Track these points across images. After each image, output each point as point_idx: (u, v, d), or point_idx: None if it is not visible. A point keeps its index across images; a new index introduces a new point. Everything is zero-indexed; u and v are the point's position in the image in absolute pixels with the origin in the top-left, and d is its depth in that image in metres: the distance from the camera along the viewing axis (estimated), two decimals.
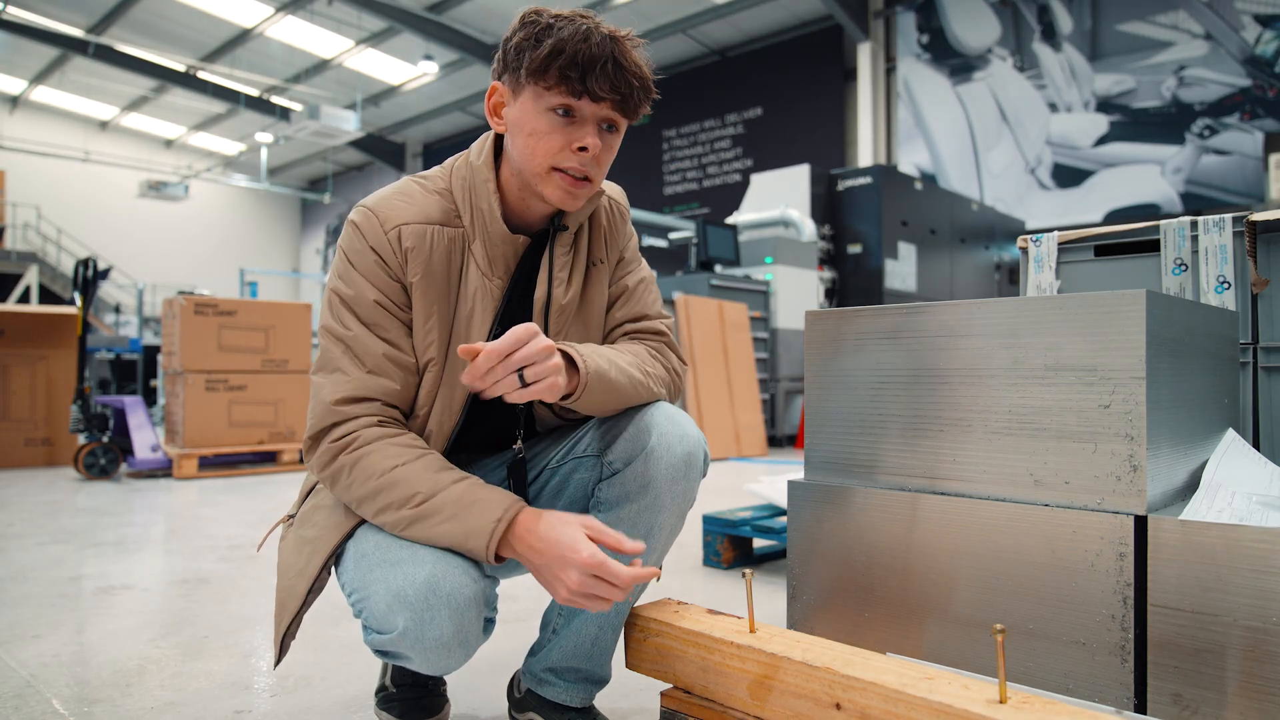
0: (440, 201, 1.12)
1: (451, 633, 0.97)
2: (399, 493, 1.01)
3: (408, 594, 0.96)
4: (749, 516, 2.45)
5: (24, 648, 1.72)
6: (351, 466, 1.03)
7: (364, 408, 1.06)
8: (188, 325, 4.65)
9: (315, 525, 1.11)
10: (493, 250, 1.12)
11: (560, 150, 1.05)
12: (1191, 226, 1.54)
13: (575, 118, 1.05)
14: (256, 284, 14.19)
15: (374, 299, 1.07)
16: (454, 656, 1.00)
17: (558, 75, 1.01)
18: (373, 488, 1.02)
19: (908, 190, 8.33)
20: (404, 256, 1.08)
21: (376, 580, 1.00)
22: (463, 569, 1.00)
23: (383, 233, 1.08)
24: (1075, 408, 1.07)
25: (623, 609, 1.17)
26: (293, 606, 1.08)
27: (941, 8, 11.39)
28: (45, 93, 17.99)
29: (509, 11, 13.09)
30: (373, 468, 1.02)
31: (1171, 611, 0.99)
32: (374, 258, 1.08)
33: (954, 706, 0.80)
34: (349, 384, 1.06)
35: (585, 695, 1.21)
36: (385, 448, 1.03)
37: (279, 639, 1.10)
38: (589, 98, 1.03)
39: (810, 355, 1.36)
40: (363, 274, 1.08)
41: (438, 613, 0.96)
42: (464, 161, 1.15)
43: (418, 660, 1.00)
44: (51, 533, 2.99)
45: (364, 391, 1.06)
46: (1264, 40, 8.91)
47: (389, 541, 1.03)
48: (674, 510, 1.14)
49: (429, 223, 1.10)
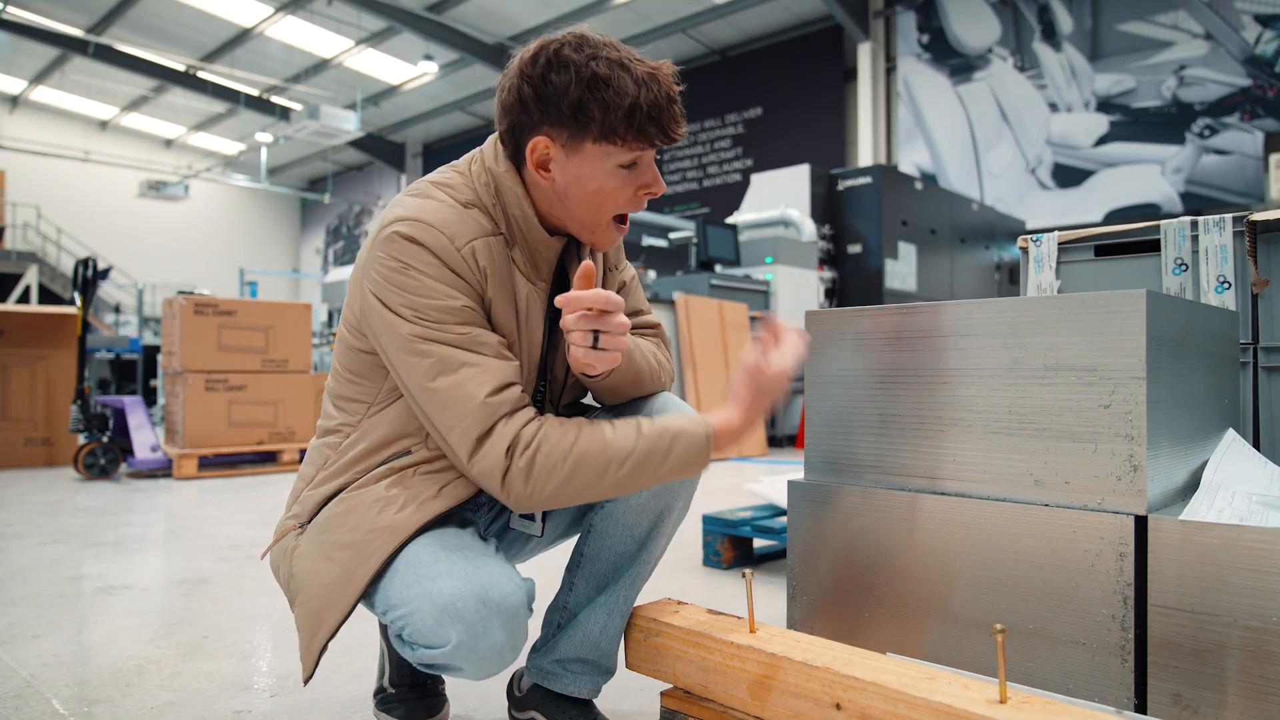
0: (479, 214, 1.07)
1: (504, 639, 0.98)
2: (593, 467, 0.99)
3: (458, 607, 0.95)
4: (749, 516, 2.45)
5: (24, 648, 1.72)
6: (528, 472, 0.98)
7: (511, 394, 1.00)
8: (188, 325, 4.65)
9: (353, 529, 1.05)
10: (534, 255, 1.10)
11: (627, 201, 1.06)
12: (1191, 226, 1.54)
13: (640, 165, 1.05)
14: (256, 284, 14.21)
15: (462, 305, 1.02)
16: (506, 661, 1.01)
17: (636, 133, 1.00)
18: (561, 478, 0.98)
19: (908, 190, 8.33)
20: (483, 274, 1.04)
21: (419, 596, 0.97)
22: (506, 575, 1.00)
23: (455, 250, 1.02)
24: (1075, 408, 1.07)
25: (630, 596, 1.19)
26: (332, 619, 1.03)
27: (941, 7, 11.39)
28: (45, 93, 17.99)
29: (509, 11, 13.11)
30: (550, 461, 0.98)
31: (1171, 611, 0.99)
32: (450, 273, 1.02)
33: (954, 706, 0.80)
34: (490, 374, 1.00)
35: (593, 686, 1.21)
36: (548, 436, 0.99)
37: (316, 651, 1.05)
38: (661, 141, 1.03)
39: (810, 355, 1.36)
40: (443, 284, 1.01)
41: (490, 623, 0.96)
42: (481, 168, 1.10)
43: (471, 670, 0.99)
44: (51, 533, 2.99)
45: (506, 378, 1.01)
46: (1264, 40, 8.91)
47: (424, 552, 1.01)
48: (682, 494, 1.18)
49: (487, 235, 1.06)
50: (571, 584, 1.20)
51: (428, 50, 14.33)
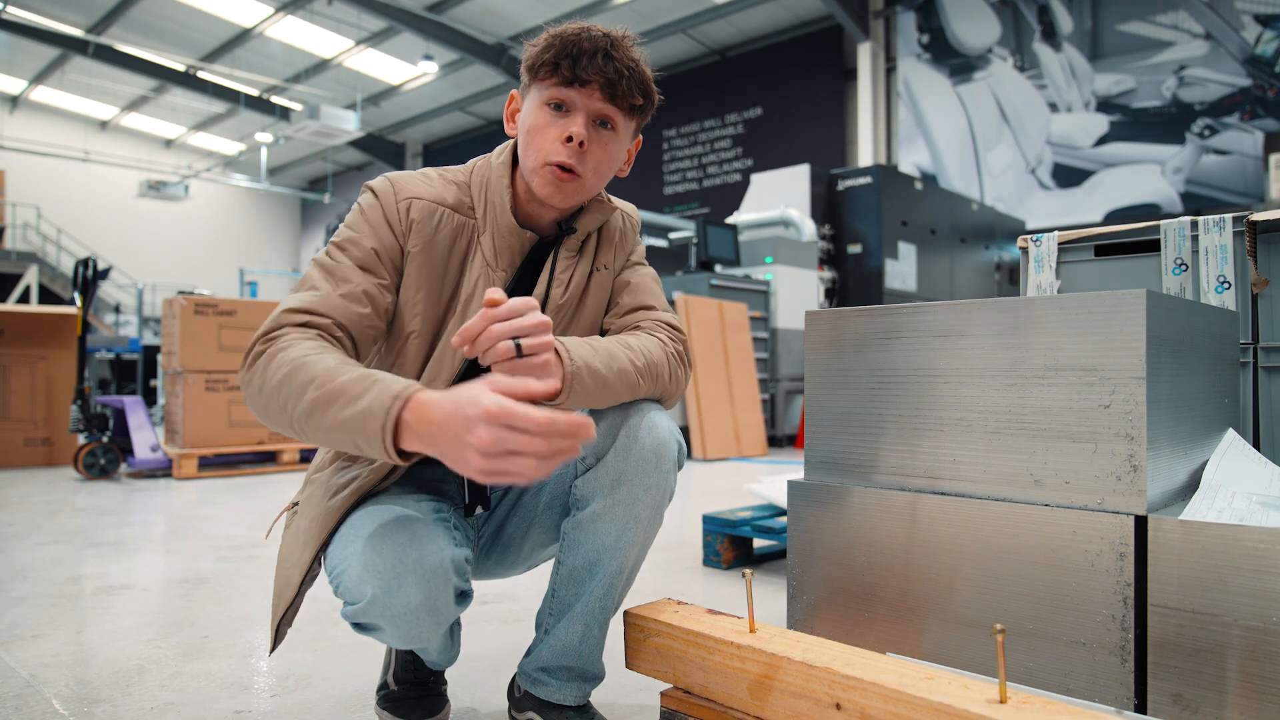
0: (457, 191, 1.17)
1: (419, 599, 0.98)
2: (301, 378, 0.92)
3: (376, 562, 0.98)
4: (749, 516, 2.45)
5: (24, 648, 1.72)
6: (268, 361, 0.97)
7: (315, 319, 1.02)
8: (188, 325, 4.66)
9: (306, 515, 1.14)
10: (500, 242, 1.15)
11: (552, 142, 1.09)
12: (1191, 226, 1.54)
13: (567, 111, 1.10)
14: (256, 284, 14.22)
15: (372, 246, 1.11)
16: (424, 625, 1.00)
17: (551, 66, 1.08)
18: (280, 377, 0.94)
19: (908, 190, 8.33)
20: (408, 226, 1.12)
21: (351, 554, 1.02)
22: (431, 538, 1.02)
23: (394, 200, 1.13)
24: (1075, 408, 1.07)
25: (607, 605, 1.17)
26: (288, 595, 1.12)
27: (941, 8, 11.39)
28: (45, 93, 17.98)
29: (509, 11, 13.11)
30: (283, 358, 0.95)
31: (1171, 611, 0.99)
32: (381, 217, 1.12)
33: (954, 706, 0.80)
34: (313, 299, 1.04)
35: (579, 693, 1.21)
36: (300, 342, 0.98)
37: (275, 625, 1.14)
38: (578, 84, 1.08)
39: (810, 355, 1.36)
40: (368, 223, 1.12)
41: (405, 580, 0.97)
42: (485, 162, 1.20)
43: (389, 630, 1.01)
44: (51, 533, 2.99)
45: (324, 309, 1.03)
46: (1264, 40, 8.91)
47: (365, 518, 1.05)
48: (648, 503, 1.13)
49: (440, 203, 1.15)
50: (553, 591, 1.20)
51: (428, 50, 14.33)
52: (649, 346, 1.15)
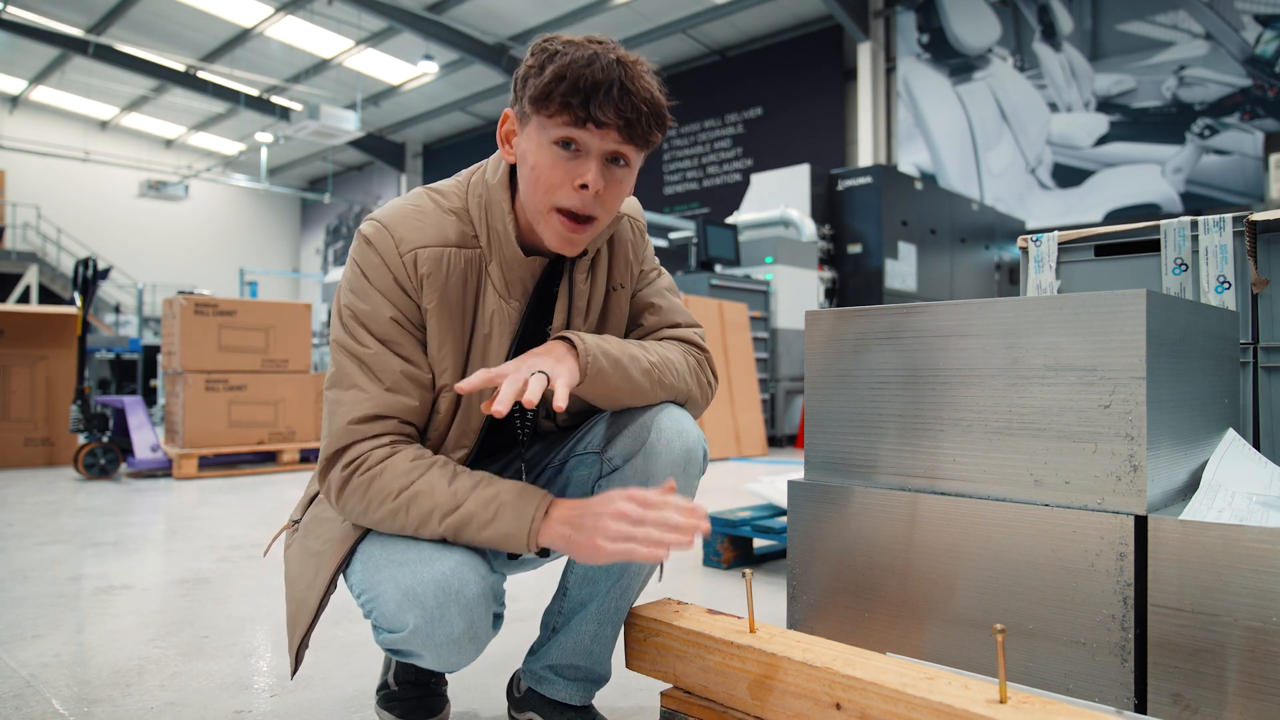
0: (456, 222, 1.09)
1: (462, 629, 0.98)
2: (417, 511, 1.00)
3: (418, 592, 0.97)
4: (749, 516, 2.45)
5: (24, 648, 1.72)
6: (364, 491, 1.02)
7: (381, 426, 1.04)
8: (188, 325, 4.65)
9: (319, 538, 1.11)
10: (509, 273, 1.10)
11: (561, 187, 1.00)
12: (1191, 226, 1.54)
13: (579, 151, 1.00)
14: (256, 284, 14.20)
15: (390, 316, 1.05)
16: (465, 653, 1.01)
17: (560, 103, 0.96)
18: (390, 509, 1.01)
19: (908, 190, 8.32)
20: (419, 282, 1.06)
21: (385, 580, 1.00)
22: (471, 566, 1.00)
23: (398, 255, 1.05)
24: (1075, 408, 1.07)
25: (622, 606, 1.17)
26: (305, 620, 1.09)
27: (941, 7, 11.39)
28: (45, 93, 17.98)
29: (509, 11, 13.11)
30: (387, 488, 1.01)
31: (1171, 611, 0.99)
32: (390, 277, 1.05)
33: (954, 706, 0.80)
34: (367, 402, 1.04)
35: (585, 693, 1.21)
36: (395, 465, 1.02)
37: (294, 650, 1.11)
38: (593, 125, 0.97)
39: (810, 355, 1.36)
40: (379, 290, 1.05)
41: (448, 610, 0.97)
42: (480, 179, 1.12)
43: (429, 657, 1.00)
44: (51, 533, 2.99)
45: (383, 409, 1.05)
46: (1264, 40, 8.91)
47: (395, 542, 1.03)
48: None
49: (445, 245, 1.07)
50: (565, 589, 1.19)
51: (428, 50, 14.33)
52: (667, 350, 1.17)
